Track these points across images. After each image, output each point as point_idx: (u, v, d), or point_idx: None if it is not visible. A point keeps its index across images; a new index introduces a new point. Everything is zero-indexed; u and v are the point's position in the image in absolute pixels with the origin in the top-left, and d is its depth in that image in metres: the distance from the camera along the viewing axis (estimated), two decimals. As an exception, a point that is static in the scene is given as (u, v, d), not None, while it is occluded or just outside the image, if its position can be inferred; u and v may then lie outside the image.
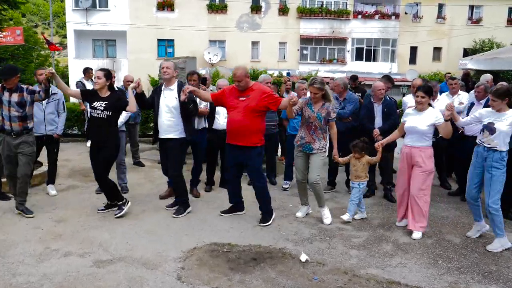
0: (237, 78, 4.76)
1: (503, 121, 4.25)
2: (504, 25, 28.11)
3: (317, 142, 4.95)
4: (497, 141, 4.26)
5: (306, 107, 4.98)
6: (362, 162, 5.15)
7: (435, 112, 4.68)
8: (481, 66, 9.59)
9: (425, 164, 4.63)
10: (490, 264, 4.06)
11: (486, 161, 4.33)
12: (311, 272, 3.81)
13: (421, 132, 4.63)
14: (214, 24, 25.60)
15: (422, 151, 4.65)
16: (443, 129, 4.61)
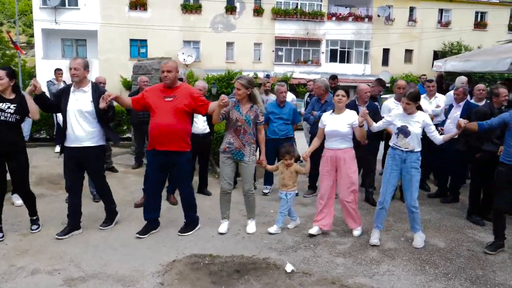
0: (167, 68, 4.36)
1: (415, 124, 4.37)
2: (471, 29, 28.94)
3: (247, 148, 4.65)
4: (412, 143, 4.37)
5: (233, 110, 4.63)
6: (290, 170, 4.84)
7: (353, 114, 4.71)
8: (455, 68, 9.71)
9: (349, 165, 4.67)
10: (476, 268, 4.01)
11: (405, 163, 4.41)
12: (298, 283, 3.65)
13: (343, 134, 4.63)
14: (188, 24, 25.23)
15: (346, 153, 4.68)
16: (357, 132, 4.67)
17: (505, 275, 3.90)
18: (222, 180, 4.77)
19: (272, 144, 6.30)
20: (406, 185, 4.48)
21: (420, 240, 4.52)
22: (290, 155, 4.79)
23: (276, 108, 6.37)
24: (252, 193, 4.85)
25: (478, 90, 6.21)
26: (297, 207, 5.66)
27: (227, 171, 4.72)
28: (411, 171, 4.39)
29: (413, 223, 4.56)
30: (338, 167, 4.71)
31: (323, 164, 4.81)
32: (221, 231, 4.74)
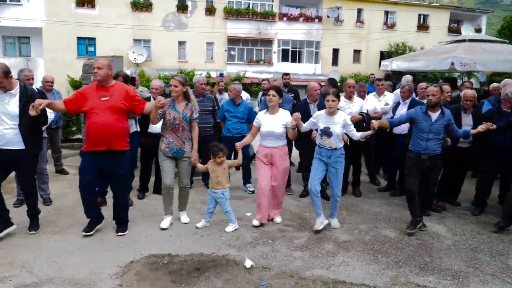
0: (97, 64, 4.27)
1: (336, 125, 4.74)
2: (415, 30, 30.36)
3: (187, 144, 4.77)
4: (335, 142, 4.78)
5: (169, 109, 4.68)
6: (223, 167, 4.83)
7: (286, 114, 4.96)
8: (401, 68, 10.22)
9: (284, 161, 4.99)
10: (424, 256, 4.26)
11: (330, 159, 4.83)
12: (258, 278, 3.72)
13: (278, 134, 4.88)
14: (138, 22, 24.63)
15: (281, 150, 4.96)
16: (289, 133, 4.95)
17: (450, 260, 4.17)
18: (164, 177, 4.83)
19: (227, 142, 6.34)
20: (333, 177, 4.91)
21: (338, 222, 5.03)
22: (223, 152, 4.84)
23: (231, 107, 6.41)
24: (188, 187, 4.99)
25: (421, 89, 6.57)
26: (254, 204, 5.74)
27: (168, 168, 4.80)
28: (336, 165, 4.84)
29: (334, 210, 5.02)
30: (274, 163, 4.97)
31: (260, 161, 5.02)
32: (163, 227, 4.79)
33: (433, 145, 4.76)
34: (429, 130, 4.75)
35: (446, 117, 4.79)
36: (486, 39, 10.24)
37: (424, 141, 4.77)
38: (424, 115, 4.81)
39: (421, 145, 4.80)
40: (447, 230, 5.02)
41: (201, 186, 6.62)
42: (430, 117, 4.79)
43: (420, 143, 4.81)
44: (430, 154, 4.77)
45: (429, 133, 4.75)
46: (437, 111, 4.79)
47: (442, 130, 4.80)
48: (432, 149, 4.76)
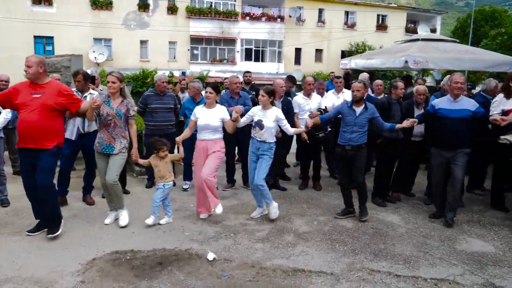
0: (27, 63, 4.19)
1: (268, 118, 5.03)
2: (374, 30, 31.28)
3: (117, 141, 4.73)
4: (265, 135, 5.04)
5: (104, 105, 4.67)
6: (165, 161, 4.93)
7: (223, 109, 5.17)
8: (358, 66, 10.58)
9: (220, 151, 5.13)
10: (379, 243, 4.49)
11: (258, 151, 5.11)
12: (220, 269, 3.82)
13: (214, 127, 5.06)
14: (98, 21, 24.11)
15: (217, 143, 5.12)
16: (228, 126, 5.13)
17: (402, 246, 4.42)
18: (100, 176, 4.89)
19: (188, 141, 6.40)
20: (258, 166, 5.11)
21: (275, 211, 5.13)
22: (167, 147, 4.93)
23: (192, 104, 6.45)
24: (116, 184, 4.78)
25: (376, 86, 6.87)
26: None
27: (102, 166, 4.81)
28: (263, 157, 5.09)
29: (264, 198, 5.14)
30: (209, 155, 5.08)
31: (198, 156, 5.18)
32: (106, 222, 4.86)
33: (356, 137, 5.10)
34: (354, 123, 5.10)
35: (369, 111, 5.13)
36: (438, 38, 10.76)
37: (348, 134, 5.12)
38: (349, 109, 5.17)
39: (346, 137, 5.15)
40: (401, 219, 5.29)
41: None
42: (355, 111, 5.13)
43: (345, 135, 5.16)
44: (353, 145, 5.10)
45: (353, 126, 5.10)
46: (361, 106, 5.13)
47: (366, 124, 5.14)
48: (355, 140, 5.10)
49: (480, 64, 9.09)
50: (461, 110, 5.02)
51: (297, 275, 3.74)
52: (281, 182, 6.72)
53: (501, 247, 4.42)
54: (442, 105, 5.14)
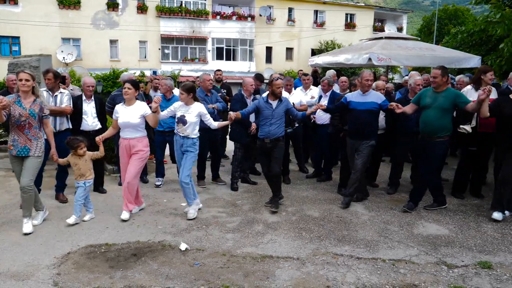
0: None
1: (191, 114, 5.09)
2: (343, 29, 31.92)
3: (34, 143, 4.52)
4: (189, 130, 5.09)
5: (14, 105, 4.38)
6: (84, 158, 4.89)
7: (143, 105, 5.13)
8: (325, 63, 10.93)
9: (143, 151, 5.10)
10: (343, 230, 4.76)
11: (183, 147, 5.16)
12: (192, 258, 4.00)
13: (135, 124, 5.01)
14: (66, 20, 23.73)
15: (140, 141, 5.08)
16: (150, 120, 5.05)
17: (364, 232, 4.71)
18: (18, 180, 4.63)
19: (160, 137, 6.58)
20: (183, 164, 5.16)
21: (193, 212, 5.14)
22: (84, 144, 4.88)
23: (163, 102, 6.55)
24: (30, 189, 4.53)
25: (341, 82, 7.18)
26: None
27: (19, 170, 4.58)
28: (187, 153, 5.13)
29: (185, 197, 5.19)
30: (132, 154, 5.08)
31: (121, 155, 5.15)
32: (25, 231, 4.50)
33: (275, 129, 5.36)
34: (272, 116, 5.36)
35: (284, 103, 5.44)
36: (401, 36, 11.22)
37: (268, 127, 5.37)
38: (266, 104, 5.42)
39: (265, 130, 5.39)
40: (364, 207, 5.59)
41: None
42: (271, 105, 5.40)
43: (265, 128, 5.39)
44: (272, 137, 5.36)
45: (272, 119, 5.36)
46: (276, 100, 5.41)
47: (283, 115, 5.45)
48: (273, 133, 5.35)
49: (440, 61, 9.51)
50: (368, 103, 5.46)
51: (266, 261, 3.96)
52: (251, 177, 6.95)
53: (454, 230, 4.77)
54: (353, 98, 5.56)
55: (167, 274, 3.68)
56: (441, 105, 5.08)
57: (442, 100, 5.09)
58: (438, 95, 5.14)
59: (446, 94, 5.11)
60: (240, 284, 3.51)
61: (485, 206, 5.59)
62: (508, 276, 3.66)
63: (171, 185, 6.59)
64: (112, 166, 7.23)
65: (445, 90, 5.15)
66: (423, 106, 5.24)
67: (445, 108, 5.08)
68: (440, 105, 5.08)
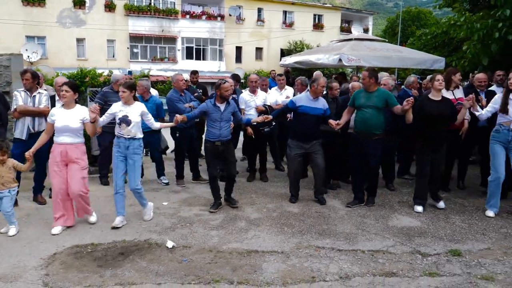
0: None
1: (133, 113, 4.83)
2: (311, 29, 32.48)
3: None
4: (134, 130, 4.85)
5: None
6: (7, 165, 4.56)
7: (84, 110, 4.81)
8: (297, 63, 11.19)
9: (82, 160, 4.75)
10: (322, 224, 4.97)
11: (128, 149, 4.84)
12: (180, 255, 4.10)
13: (74, 129, 4.67)
14: (31, 18, 23.01)
15: (77, 148, 4.74)
16: (88, 128, 4.75)
17: (343, 226, 4.94)
18: None
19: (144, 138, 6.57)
20: (130, 169, 4.88)
21: (149, 213, 5.12)
22: (2, 151, 4.52)
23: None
24: None
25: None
26: (169, 194, 6.10)
27: None
28: (133, 156, 4.86)
29: (140, 200, 5.04)
30: (69, 162, 4.70)
31: (53, 161, 4.71)
32: None
33: (225, 132, 5.40)
34: (220, 119, 5.37)
35: (231, 106, 5.49)
36: (370, 38, 11.62)
37: (218, 130, 5.36)
38: (214, 107, 5.38)
39: (215, 134, 5.37)
40: (341, 203, 5.83)
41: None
42: (219, 108, 5.39)
43: (214, 132, 5.37)
44: (223, 140, 5.39)
45: (220, 122, 5.37)
46: (224, 102, 5.43)
47: (231, 118, 5.51)
48: (224, 135, 5.38)
49: (407, 61, 9.97)
50: (318, 109, 5.68)
51: (252, 256, 4.11)
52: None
53: (426, 222, 5.07)
54: (303, 103, 5.73)
55: (156, 271, 3.76)
56: (375, 104, 5.43)
57: (375, 100, 5.44)
58: (371, 95, 5.46)
59: (378, 94, 5.46)
60: (230, 278, 3.64)
61: (452, 199, 5.96)
62: (476, 262, 3.97)
63: (150, 185, 6.63)
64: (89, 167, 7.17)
65: (376, 90, 5.49)
66: (358, 107, 5.57)
67: (378, 107, 5.43)
68: (373, 105, 5.43)
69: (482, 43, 7.74)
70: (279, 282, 3.58)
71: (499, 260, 4.01)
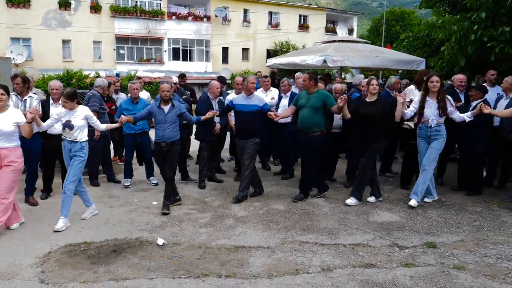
0: None
1: (77, 117, 4.97)
2: (297, 30, 32.76)
3: None
4: (76, 134, 4.97)
5: None
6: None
7: (18, 112, 4.80)
8: (282, 64, 11.43)
9: (16, 163, 4.72)
10: (307, 220, 5.20)
11: (71, 152, 5.02)
12: (170, 252, 4.28)
13: (9, 133, 4.65)
14: (15, 19, 22.79)
15: (12, 151, 4.70)
16: (24, 130, 4.75)
17: (326, 222, 5.17)
18: None
19: (130, 139, 6.76)
20: (70, 169, 5.01)
21: (88, 213, 5.24)
22: None
23: (130, 105, 6.77)
24: None
25: (299, 83, 7.65)
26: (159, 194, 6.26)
27: None
28: (75, 158, 4.99)
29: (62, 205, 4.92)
30: (3, 166, 4.67)
31: None
32: None
33: (169, 133, 5.51)
34: (164, 121, 5.50)
35: (176, 109, 5.61)
36: (353, 39, 11.92)
37: (161, 131, 5.50)
38: (158, 109, 5.55)
39: (158, 135, 5.53)
40: (324, 200, 6.06)
41: (105, 182, 6.92)
42: (164, 110, 5.54)
43: (159, 133, 5.53)
44: (167, 141, 5.52)
45: (164, 124, 5.50)
46: (168, 104, 5.57)
47: (177, 120, 5.61)
48: (168, 136, 5.51)
49: (389, 63, 10.28)
50: (252, 105, 5.99)
51: (239, 251, 4.31)
52: (218, 175, 7.27)
53: (404, 217, 5.34)
54: (238, 101, 6.07)
55: (148, 267, 3.94)
56: (313, 104, 5.83)
57: (314, 100, 5.84)
58: (311, 96, 5.89)
59: (317, 95, 5.86)
60: (218, 272, 3.84)
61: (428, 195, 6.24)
62: (450, 253, 4.23)
63: (140, 185, 6.79)
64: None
65: (316, 92, 5.89)
66: (300, 106, 5.98)
67: (317, 107, 5.82)
68: (312, 105, 5.83)
69: (459, 44, 8.08)
70: (264, 275, 3.79)
71: (470, 251, 4.29)
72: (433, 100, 5.65)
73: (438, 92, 5.62)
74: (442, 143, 5.70)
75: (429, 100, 5.67)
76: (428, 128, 5.70)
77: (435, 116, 5.62)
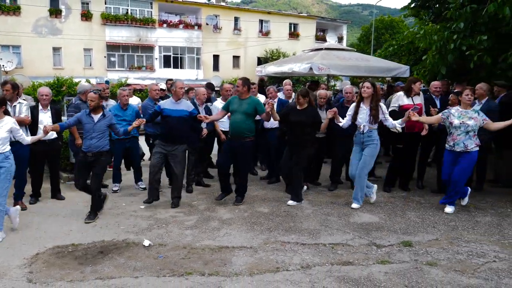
0: None
1: (1, 128, 4.81)
2: (287, 38, 33.14)
3: None
4: None
5: None
6: None
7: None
8: (270, 72, 11.65)
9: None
10: (289, 222, 5.37)
11: None
12: (155, 252, 4.42)
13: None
14: (5, 27, 22.85)
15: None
16: None
17: (308, 223, 5.34)
18: None
19: (119, 145, 6.87)
20: None
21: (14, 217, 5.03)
22: None
23: (120, 111, 6.90)
24: None
25: (286, 90, 7.85)
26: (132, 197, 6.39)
27: None
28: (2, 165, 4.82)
29: None
30: None
31: None
32: None
33: (96, 143, 5.38)
34: (93, 130, 5.41)
35: (107, 118, 5.50)
36: (339, 47, 12.18)
37: (89, 140, 5.39)
38: (87, 117, 5.45)
39: (86, 144, 5.42)
40: (308, 203, 6.23)
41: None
42: (93, 119, 5.44)
43: (86, 142, 5.43)
44: (94, 151, 5.38)
45: (93, 133, 5.40)
46: (99, 113, 5.47)
47: (106, 130, 5.52)
48: (94, 146, 5.37)
49: (374, 70, 10.53)
50: (180, 111, 6.02)
51: (222, 251, 4.46)
52: (205, 180, 7.42)
53: (384, 218, 5.53)
54: (166, 106, 6.12)
55: (134, 267, 4.08)
56: (245, 110, 5.97)
57: (246, 106, 5.96)
58: (243, 102, 6.01)
59: (249, 101, 6.02)
60: (201, 270, 3.99)
61: (410, 197, 6.46)
62: (424, 251, 4.42)
63: (128, 190, 6.92)
64: (67, 174, 7.43)
65: (248, 98, 6.05)
66: (232, 111, 6.11)
67: (248, 113, 5.96)
68: (244, 110, 5.97)
69: (439, 53, 8.35)
70: (246, 272, 3.94)
71: (444, 248, 4.48)
72: (367, 107, 5.86)
73: (372, 100, 5.83)
74: (375, 150, 5.91)
75: (363, 107, 5.88)
76: (361, 134, 5.89)
77: (366, 122, 5.82)
